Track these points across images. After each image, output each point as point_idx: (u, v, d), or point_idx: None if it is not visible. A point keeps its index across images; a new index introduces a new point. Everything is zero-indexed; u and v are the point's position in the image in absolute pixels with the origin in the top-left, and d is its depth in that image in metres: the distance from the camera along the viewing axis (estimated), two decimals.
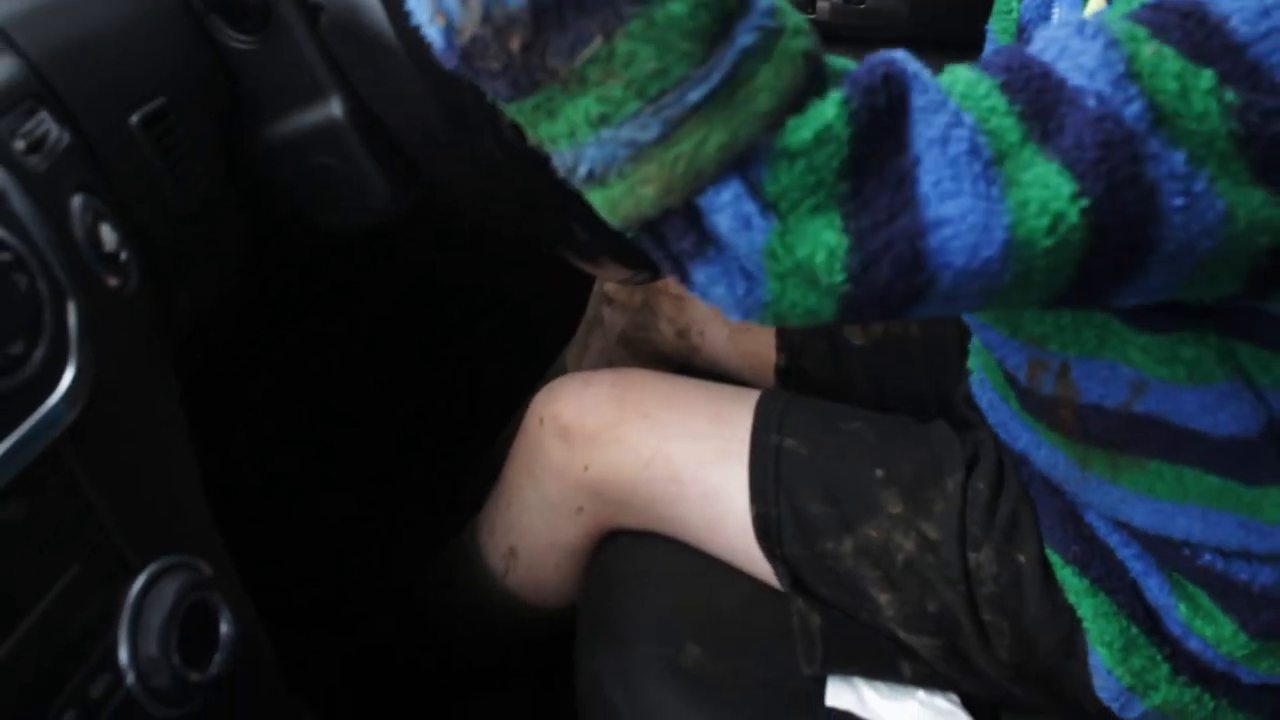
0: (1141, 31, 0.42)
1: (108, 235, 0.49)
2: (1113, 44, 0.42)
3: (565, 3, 0.37)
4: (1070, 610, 0.65)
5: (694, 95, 0.38)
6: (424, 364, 1.22)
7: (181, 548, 0.49)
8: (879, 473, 0.71)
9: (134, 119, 0.55)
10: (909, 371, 0.89)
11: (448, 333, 1.22)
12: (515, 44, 0.38)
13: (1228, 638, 0.62)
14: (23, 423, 0.41)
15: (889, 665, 0.71)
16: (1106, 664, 0.65)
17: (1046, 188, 0.41)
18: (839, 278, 0.41)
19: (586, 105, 0.39)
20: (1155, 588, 0.64)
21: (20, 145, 0.46)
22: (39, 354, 0.42)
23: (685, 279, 0.44)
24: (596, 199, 0.42)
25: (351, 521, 1.09)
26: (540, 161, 0.43)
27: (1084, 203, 0.41)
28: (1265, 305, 0.53)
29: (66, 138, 0.49)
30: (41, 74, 0.50)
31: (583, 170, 0.41)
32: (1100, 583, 0.65)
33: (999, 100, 0.42)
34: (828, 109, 0.39)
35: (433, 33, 0.39)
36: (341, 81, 0.62)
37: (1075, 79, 0.42)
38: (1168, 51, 0.42)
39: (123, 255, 0.50)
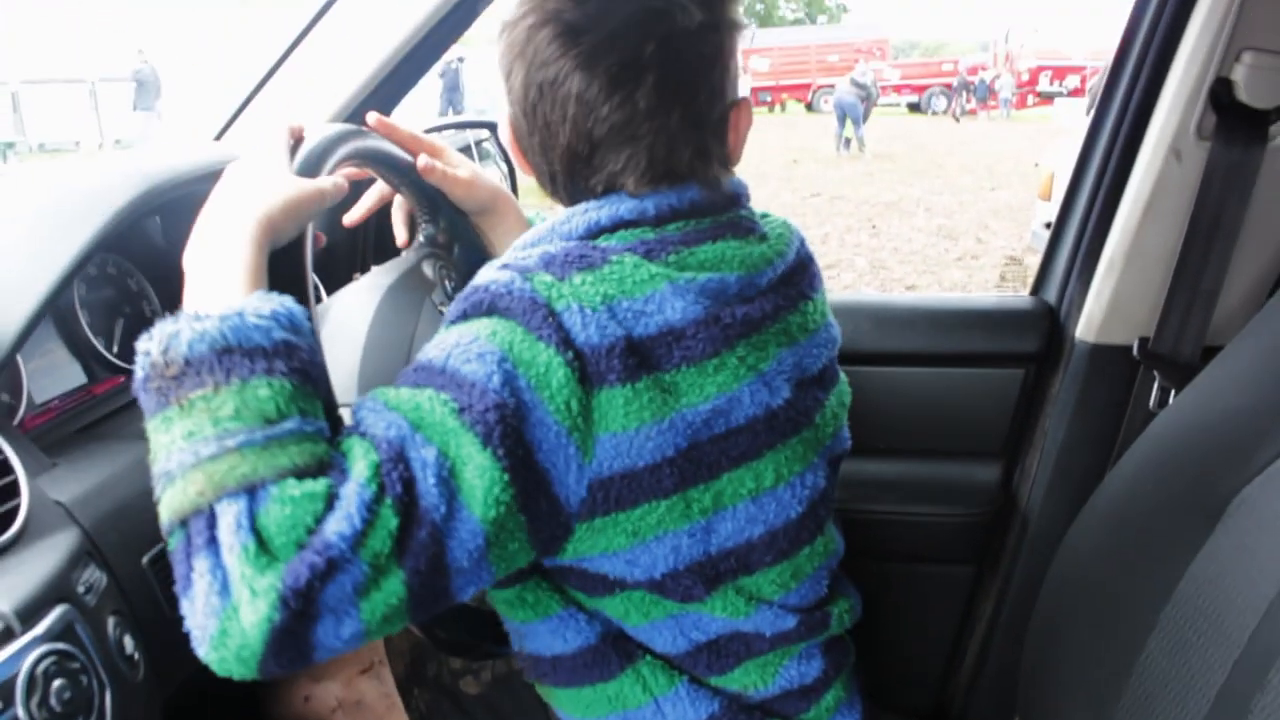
0: (398, 392, 0.65)
1: (128, 642, 0.74)
2: (383, 408, 0.64)
3: (201, 363, 0.59)
4: None
5: (238, 440, 0.58)
6: None
7: None
8: None
9: (144, 560, 0.82)
10: (523, 704, 1.03)
11: None
12: (170, 373, 0.59)
13: None
14: None
15: None
16: None
17: (381, 519, 0.59)
18: (274, 594, 0.56)
19: (186, 425, 0.59)
20: None
21: (81, 589, 0.72)
22: None
23: (189, 570, 0.58)
24: (167, 495, 0.59)
25: None
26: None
27: (395, 520, 0.59)
28: (562, 563, 0.73)
29: (105, 579, 0.75)
30: (91, 537, 0.77)
31: (168, 468, 0.58)
32: None
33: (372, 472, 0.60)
34: (318, 485, 0.58)
35: (141, 361, 0.60)
36: None
37: (384, 443, 0.62)
38: (404, 389, 0.65)
39: (136, 655, 0.75)
